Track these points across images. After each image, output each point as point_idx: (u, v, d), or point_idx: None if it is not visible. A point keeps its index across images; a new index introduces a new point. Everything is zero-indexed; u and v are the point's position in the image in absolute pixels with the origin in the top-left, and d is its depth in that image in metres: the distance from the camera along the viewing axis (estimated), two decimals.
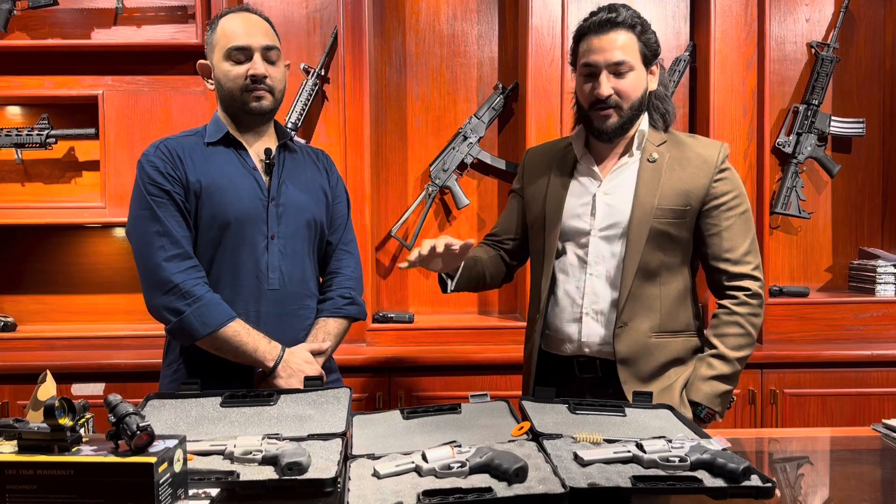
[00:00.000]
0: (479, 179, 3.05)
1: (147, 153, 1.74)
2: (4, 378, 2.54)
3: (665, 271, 1.75)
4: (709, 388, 1.71)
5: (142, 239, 1.69)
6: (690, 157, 1.77)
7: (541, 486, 1.11)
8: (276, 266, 1.75)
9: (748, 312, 1.72)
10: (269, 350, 1.69)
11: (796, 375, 2.62)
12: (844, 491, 1.34)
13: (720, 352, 1.72)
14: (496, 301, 3.07)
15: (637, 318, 1.73)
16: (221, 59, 1.75)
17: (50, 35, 2.86)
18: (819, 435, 1.78)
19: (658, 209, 1.72)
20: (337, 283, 1.87)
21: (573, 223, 1.79)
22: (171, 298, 1.66)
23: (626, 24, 1.70)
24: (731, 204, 1.75)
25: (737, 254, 1.74)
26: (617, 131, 1.75)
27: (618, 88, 1.70)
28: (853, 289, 2.96)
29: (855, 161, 3.05)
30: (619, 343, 1.73)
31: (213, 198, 1.71)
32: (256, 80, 1.73)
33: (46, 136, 2.77)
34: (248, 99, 1.74)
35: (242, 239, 1.73)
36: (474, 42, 3.04)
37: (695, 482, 1.15)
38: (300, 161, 1.87)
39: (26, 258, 2.95)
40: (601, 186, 1.79)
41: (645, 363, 1.74)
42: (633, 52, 1.70)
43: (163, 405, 1.49)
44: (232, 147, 1.78)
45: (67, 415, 1.04)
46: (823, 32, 2.99)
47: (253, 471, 1.19)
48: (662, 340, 1.75)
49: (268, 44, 1.76)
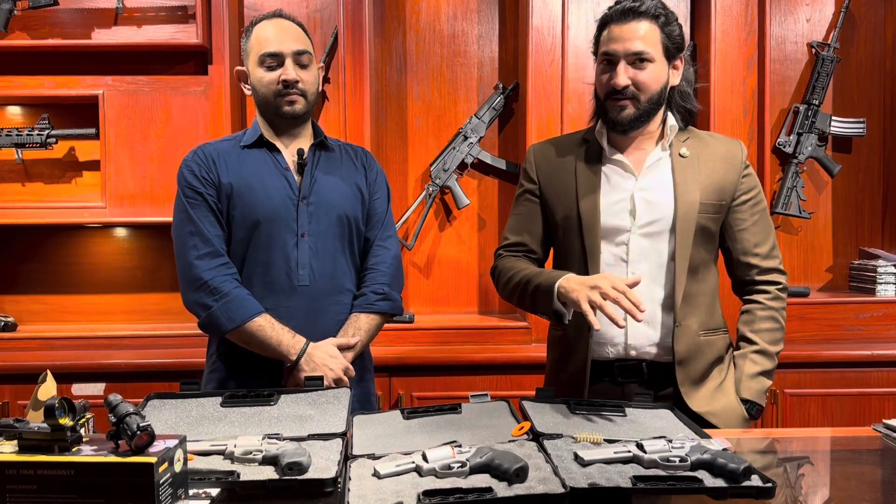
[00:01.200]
0: (479, 179, 3.05)
1: (186, 158, 1.83)
2: (5, 378, 2.54)
3: (703, 268, 1.72)
4: (758, 384, 1.71)
5: (179, 239, 1.78)
6: (717, 154, 1.74)
7: (541, 486, 1.11)
8: (307, 263, 1.80)
9: (781, 307, 1.75)
10: (292, 344, 1.74)
11: (797, 375, 2.61)
12: (845, 491, 1.34)
13: (761, 347, 1.71)
14: (497, 301, 3.06)
15: (689, 317, 1.69)
16: (255, 66, 1.81)
17: (50, 35, 2.86)
18: (819, 435, 1.78)
19: (702, 204, 1.69)
20: (371, 279, 1.89)
21: (610, 221, 1.70)
22: (200, 295, 1.73)
23: (650, 13, 1.63)
24: (757, 199, 1.75)
25: (765, 248, 1.74)
26: (633, 123, 1.68)
27: (636, 79, 1.64)
28: (854, 289, 2.96)
29: (855, 161, 3.05)
30: (678, 343, 1.67)
31: (244, 198, 1.78)
32: (288, 84, 1.78)
33: (47, 136, 2.77)
34: (281, 103, 1.79)
35: (272, 237, 1.78)
36: (475, 42, 3.04)
37: (695, 482, 1.15)
38: (336, 159, 1.91)
39: (27, 258, 2.95)
40: (637, 182, 1.71)
41: (697, 363, 1.70)
42: (654, 44, 1.63)
43: (163, 405, 1.49)
44: (265, 149, 1.84)
45: (68, 415, 1.04)
46: (824, 32, 2.99)
47: (253, 471, 1.19)
48: (710, 339, 1.72)
49: (299, 48, 1.80)
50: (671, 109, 1.75)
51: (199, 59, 2.84)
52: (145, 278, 2.96)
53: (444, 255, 3.07)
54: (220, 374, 1.82)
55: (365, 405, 1.85)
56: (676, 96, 1.75)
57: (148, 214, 2.79)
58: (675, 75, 1.71)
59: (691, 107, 1.77)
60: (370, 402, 1.91)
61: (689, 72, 1.77)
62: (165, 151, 2.79)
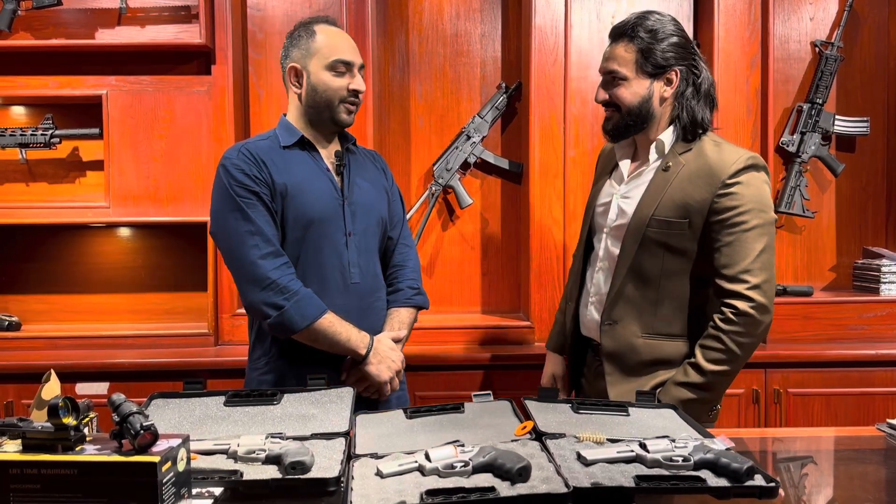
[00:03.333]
0: (482, 179, 3.05)
1: (230, 157, 1.80)
2: (9, 377, 2.54)
3: (664, 279, 1.78)
4: (675, 392, 1.72)
5: (235, 238, 1.76)
6: (701, 171, 1.75)
7: (544, 485, 1.11)
8: (356, 262, 1.85)
9: (731, 330, 1.69)
10: (360, 339, 1.79)
11: (800, 375, 2.61)
12: (848, 491, 1.34)
13: (696, 362, 1.72)
14: (499, 301, 3.06)
15: (626, 318, 1.81)
16: (322, 69, 1.82)
17: (54, 35, 2.86)
18: (823, 434, 1.78)
19: (654, 219, 1.76)
20: (403, 276, 1.98)
21: (597, 220, 1.93)
22: (269, 294, 1.73)
23: (628, 35, 1.78)
24: (734, 220, 1.70)
25: (732, 270, 1.70)
26: (618, 131, 1.84)
27: (612, 94, 1.80)
28: (857, 288, 2.95)
29: (859, 160, 3.04)
30: (604, 338, 1.84)
31: (296, 199, 1.79)
32: (356, 94, 1.85)
33: (50, 136, 2.78)
34: (341, 110, 1.84)
35: (325, 237, 1.82)
36: (477, 41, 3.04)
37: (698, 482, 1.15)
38: (361, 162, 1.97)
39: (30, 258, 2.96)
40: (620, 189, 1.88)
41: (627, 359, 1.81)
42: (626, 63, 1.77)
43: (166, 404, 1.49)
44: (306, 150, 1.87)
45: (71, 414, 1.05)
46: (827, 31, 2.98)
47: (256, 470, 1.20)
48: (652, 342, 1.79)
49: (362, 62, 1.89)
50: (678, 122, 1.81)
51: (202, 59, 2.84)
52: (149, 278, 2.96)
53: (447, 255, 3.07)
54: (276, 374, 1.82)
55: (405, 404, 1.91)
56: (679, 108, 1.81)
57: (151, 214, 2.79)
58: (665, 90, 1.79)
59: (694, 118, 1.79)
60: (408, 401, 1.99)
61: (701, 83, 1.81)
62: (169, 151, 2.80)
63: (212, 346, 2.72)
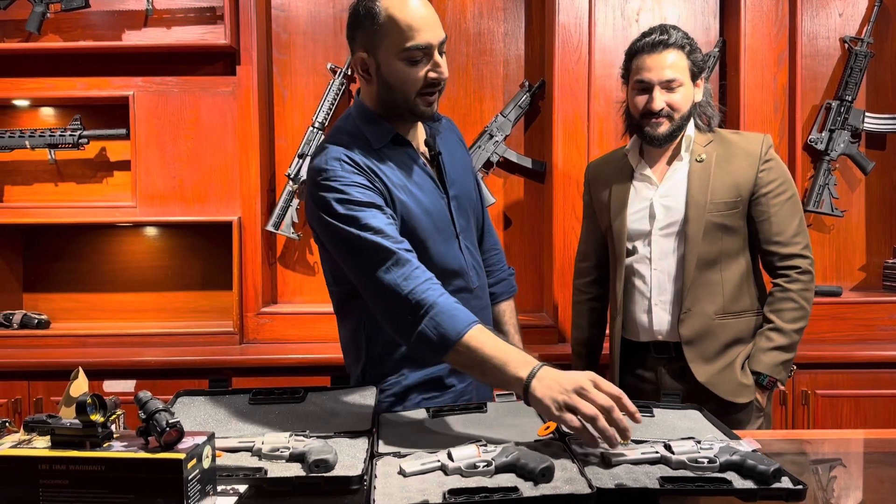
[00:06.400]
0: (504, 178, 3.04)
1: (333, 169, 1.49)
2: (38, 375, 2.58)
3: (725, 258, 1.94)
4: (769, 358, 1.90)
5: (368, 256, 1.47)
6: (736, 153, 1.96)
7: (567, 486, 1.11)
8: (471, 263, 1.67)
9: (800, 288, 1.92)
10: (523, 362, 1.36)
11: (829, 376, 2.57)
12: (878, 494, 1.32)
13: (777, 325, 1.91)
14: (522, 300, 3.05)
15: (700, 304, 1.94)
16: (394, 58, 1.49)
17: (82, 37, 2.90)
18: (852, 437, 1.75)
19: (711, 203, 1.92)
20: (498, 260, 1.89)
21: (636, 226, 2.01)
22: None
23: (677, 44, 1.91)
24: (777, 191, 1.93)
25: (786, 236, 1.93)
26: (668, 137, 1.95)
27: (670, 102, 1.91)
28: (888, 288, 2.90)
29: (890, 158, 2.98)
30: (683, 327, 1.95)
31: (411, 208, 1.55)
32: (437, 83, 1.51)
33: (79, 137, 2.81)
34: (419, 103, 1.52)
35: (442, 243, 1.60)
36: (500, 40, 3.03)
37: (724, 484, 1.13)
38: (446, 140, 1.70)
39: (59, 257, 3.00)
40: (658, 190, 1.99)
41: (709, 343, 1.94)
42: (682, 70, 1.91)
43: (192, 402, 1.51)
44: (399, 146, 1.60)
45: (99, 411, 1.06)
46: (857, 27, 2.93)
47: (280, 467, 1.20)
48: (726, 322, 1.95)
49: (444, 36, 1.50)
50: (693, 119, 2.00)
51: (227, 59, 2.87)
52: (175, 277, 3.00)
53: None
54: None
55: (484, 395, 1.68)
56: (706, 107, 2.02)
57: (178, 214, 2.82)
58: (698, 92, 1.98)
59: (711, 114, 2.02)
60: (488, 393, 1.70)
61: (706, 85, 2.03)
62: (194, 151, 2.82)
63: (237, 344, 2.74)
